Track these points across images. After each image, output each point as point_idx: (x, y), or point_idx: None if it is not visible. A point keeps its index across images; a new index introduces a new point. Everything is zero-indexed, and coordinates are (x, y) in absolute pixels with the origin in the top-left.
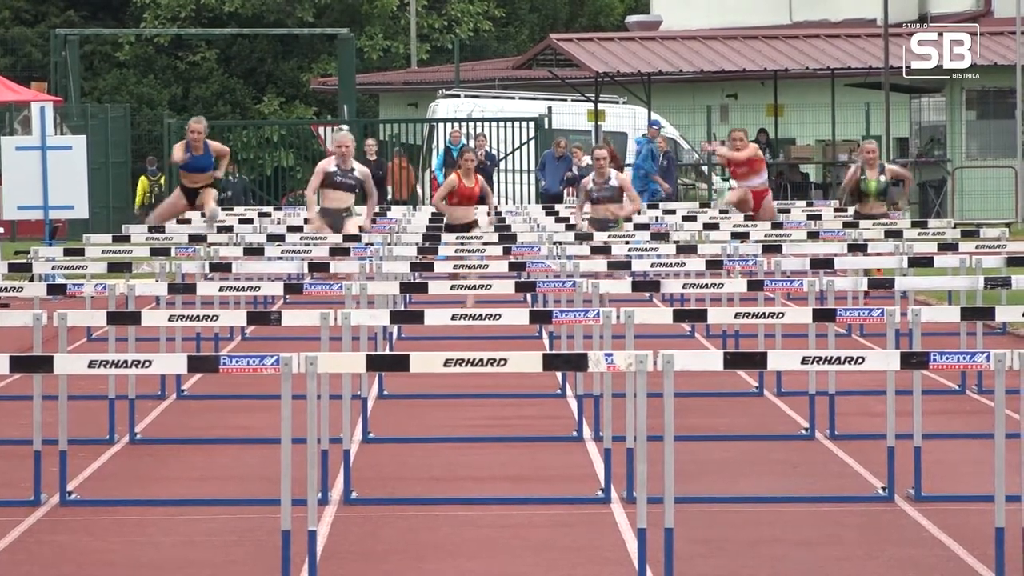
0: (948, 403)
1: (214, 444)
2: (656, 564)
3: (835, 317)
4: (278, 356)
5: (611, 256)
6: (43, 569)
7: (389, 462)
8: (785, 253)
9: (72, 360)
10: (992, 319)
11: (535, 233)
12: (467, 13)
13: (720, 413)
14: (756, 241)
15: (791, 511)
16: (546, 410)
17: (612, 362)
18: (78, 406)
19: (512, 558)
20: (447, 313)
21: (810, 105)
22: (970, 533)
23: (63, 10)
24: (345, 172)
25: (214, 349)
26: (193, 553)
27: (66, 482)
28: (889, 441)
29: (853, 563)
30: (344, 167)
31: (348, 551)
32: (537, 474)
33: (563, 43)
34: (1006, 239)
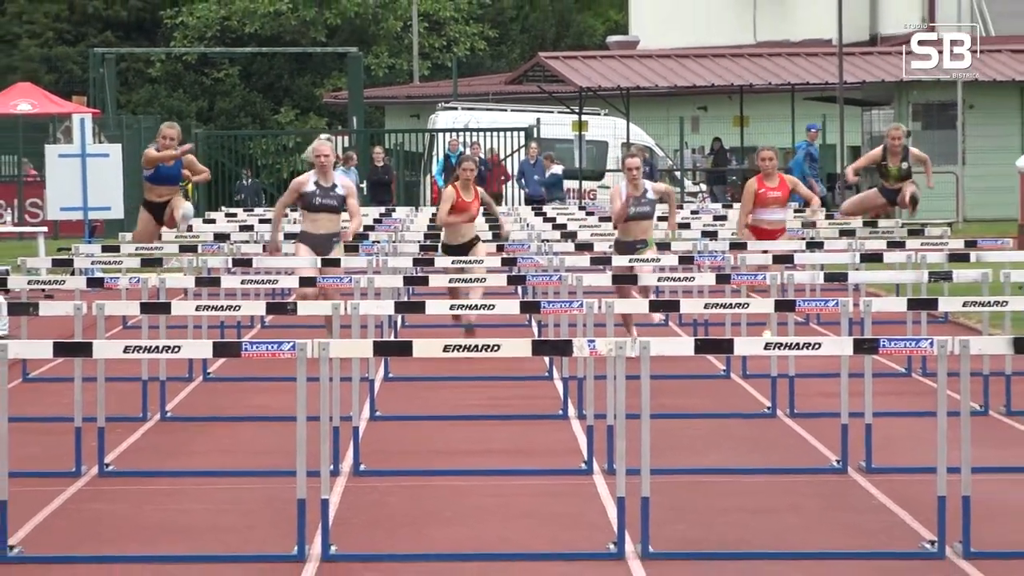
0: (896, 385)
1: (237, 421)
2: (633, 529)
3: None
4: (294, 342)
5: (593, 252)
6: (84, 533)
7: (394, 438)
8: (750, 250)
9: (109, 346)
10: (935, 309)
11: (525, 232)
12: (464, 34)
13: (691, 394)
14: (724, 239)
15: (754, 481)
16: (535, 391)
17: (594, 348)
18: (114, 387)
19: (504, 524)
20: (446, 304)
21: (772, 116)
22: (915, 501)
23: (101, 31)
24: (326, 191)
25: (236, 336)
26: (218, 519)
27: (104, 455)
28: (843, 419)
29: (810, 528)
30: (324, 184)
31: (357, 518)
32: (526, 448)
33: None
34: (948, 237)
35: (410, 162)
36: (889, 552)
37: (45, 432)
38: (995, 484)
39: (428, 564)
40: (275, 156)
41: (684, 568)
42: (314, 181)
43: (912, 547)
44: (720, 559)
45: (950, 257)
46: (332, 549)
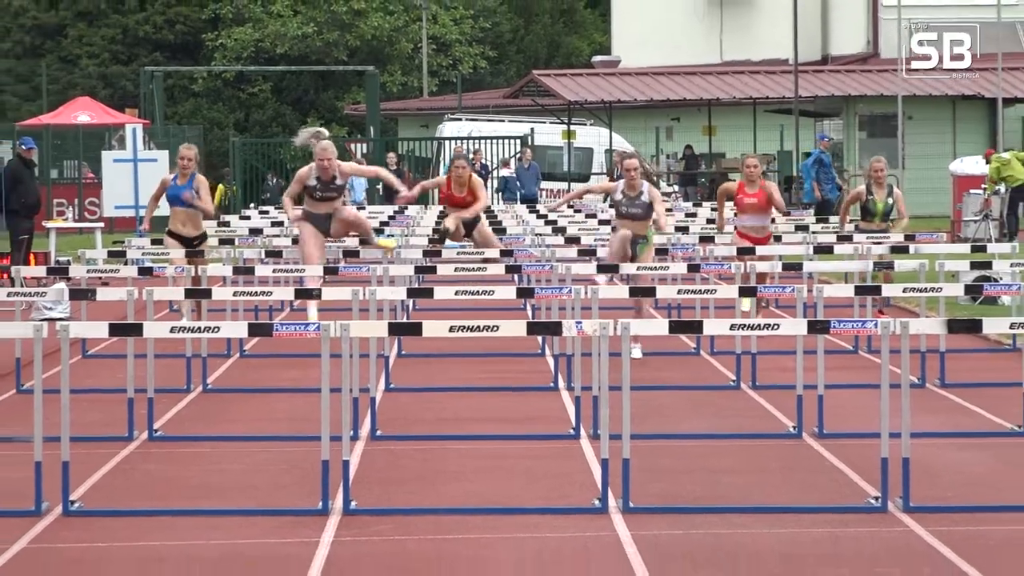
0: (844, 360)
1: (269, 393)
2: (616, 486)
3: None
4: (319, 323)
5: (580, 245)
6: (135, 490)
7: (407, 407)
8: (717, 243)
9: (157, 327)
10: (879, 294)
11: (520, 227)
12: (467, 54)
13: (666, 369)
14: (694, 233)
15: (721, 445)
16: (529, 366)
17: (581, 328)
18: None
19: (503, 481)
20: (451, 290)
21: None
22: (861, 462)
23: (150, 52)
24: (327, 184)
25: (268, 318)
26: (253, 478)
27: (153, 422)
28: (798, 390)
29: (770, 486)
30: (325, 178)
31: (375, 477)
32: (522, 416)
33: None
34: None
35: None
36: (839, 507)
37: (102, 402)
38: (931, 447)
39: (436, 517)
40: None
41: (660, 520)
42: (316, 177)
43: (859, 502)
44: (691, 512)
45: (892, 249)
46: (352, 504)
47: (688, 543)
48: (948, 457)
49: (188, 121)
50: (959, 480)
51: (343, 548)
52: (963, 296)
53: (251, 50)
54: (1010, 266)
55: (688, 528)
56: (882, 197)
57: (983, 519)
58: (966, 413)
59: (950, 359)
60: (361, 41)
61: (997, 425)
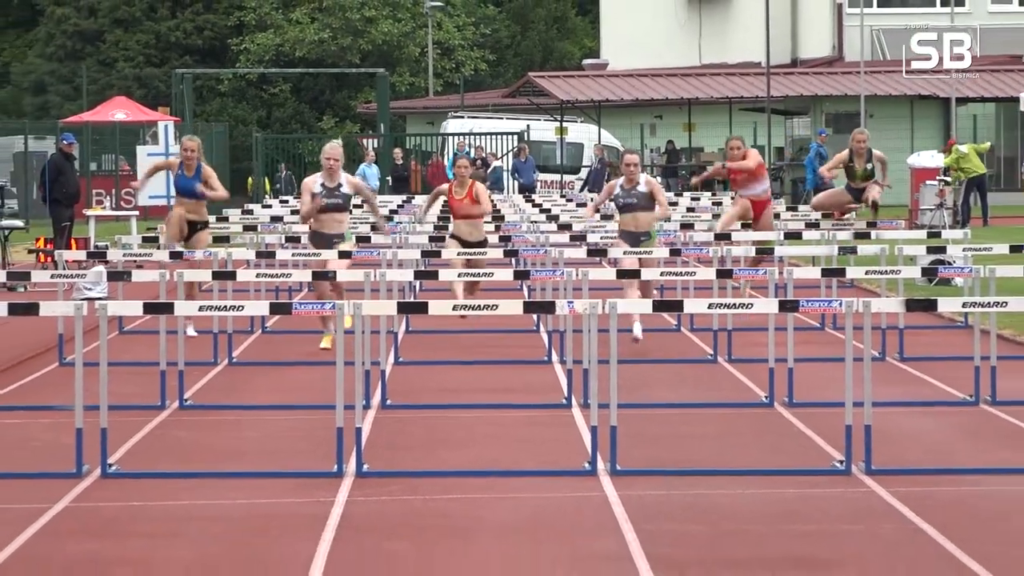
0: (812, 336)
1: (288, 366)
2: (604, 451)
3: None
4: (334, 303)
5: (572, 231)
6: (167, 454)
7: (414, 378)
8: (697, 229)
9: (187, 305)
10: (844, 276)
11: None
12: (469, 58)
13: (650, 344)
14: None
15: (700, 413)
16: (525, 341)
17: (572, 307)
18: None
19: (502, 447)
20: (455, 272)
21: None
22: (827, 428)
23: (181, 56)
24: (331, 190)
25: (288, 297)
26: (274, 443)
27: (183, 392)
28: (770, 363)
29: (744, 449)
30: (330, 184)
31: (384, 442)
32: (519, 387)
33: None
34: (853, 219)
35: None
36: (807, 469)
37: (136, 374)
38: (891, 415)
39: (441, 479)
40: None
41: (644, 482)
42: (320, 183)
43: (825, 465)
44: (673, 475)
45: (855, 235)
46: (364, 467)
47: (669, 502)
48: (906, 424)
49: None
50: (916, 445)
51: (356, 507)
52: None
53: (272, 54)
54: (962, 250)
55: (670, 489)
56: (862, 164)
57: (937, 480)
58: (922, 384)
59: (908, 335)
60: (372, 46)
61: (950, 395)
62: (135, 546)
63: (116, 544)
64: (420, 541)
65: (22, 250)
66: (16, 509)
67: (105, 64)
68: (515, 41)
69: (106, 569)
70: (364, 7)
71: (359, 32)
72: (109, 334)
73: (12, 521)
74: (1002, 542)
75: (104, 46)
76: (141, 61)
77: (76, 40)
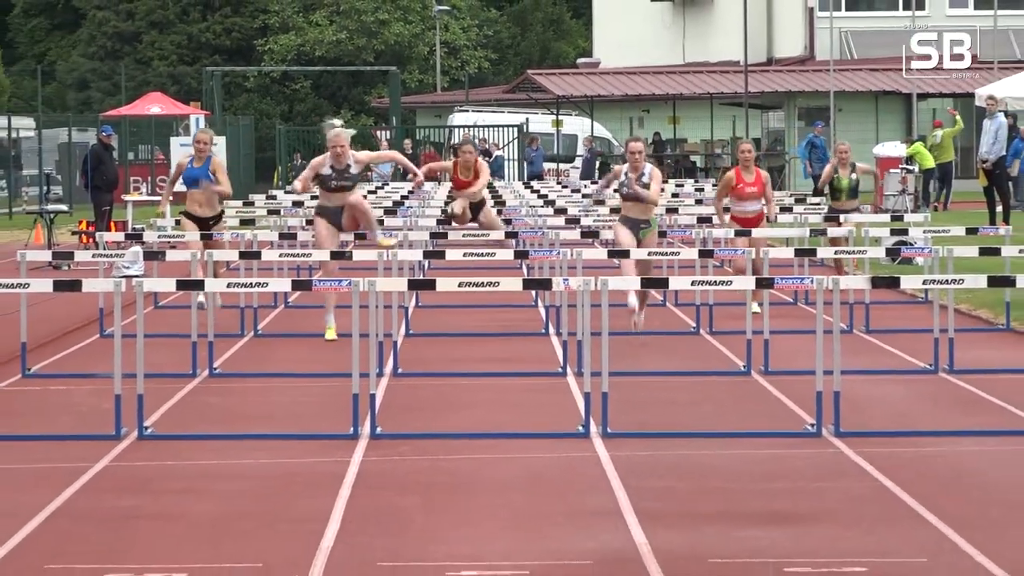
0: (786, 311)
1: (309, 337)
2: (596, 415)
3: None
4: (351, 280)
5: (568, 215)
6: (197, 418)
7: (423, 349)
8: (681, 213)
9: (216, 283)
10: (815, 256)
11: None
12: (473, 57)
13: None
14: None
15: (683, 380)
16: (524, 315)
17: (568, 284)
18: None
19: (503, 410)
20: (460, 252)
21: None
22: (800, 394)
23: (211, 55)
24: (341, 172)
25: (308, 275)
26: (295, 408)
27: (213, 362)
28: (748, 335)
29: (724, 414)
30: (339, 166)
31: (396, 407)
32: (519, 357)
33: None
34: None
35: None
36: (781, 432)
37: (170, 345)
38: (857, 382)
39: (447, 440)
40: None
41: (633, 443)
42: (330, 165)
43: (797, 428)
44: (659, 437)
45: (825, 218)
46: (378, 430)
47: (656, 461)
48: (872, 391)
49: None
50: (880, 410)
51: (370, 466)
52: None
53: (294, 53)
54: (923, 232)
55: (656, 449)
56: (846, 174)
57: (899, 442)
58: (886, 354)
59: (873, 310)
60: (385, 46)
61: (912, 364)
62: (168, 501)
63: (151, 500)
64: (428, 496)
65: (66, 232)
66: (61, 468)
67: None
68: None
69: (142, 522)
70: (378, 10)
71: (373, 33)
72: (145, 309)
73: (57, 478)
74: (957, 497)
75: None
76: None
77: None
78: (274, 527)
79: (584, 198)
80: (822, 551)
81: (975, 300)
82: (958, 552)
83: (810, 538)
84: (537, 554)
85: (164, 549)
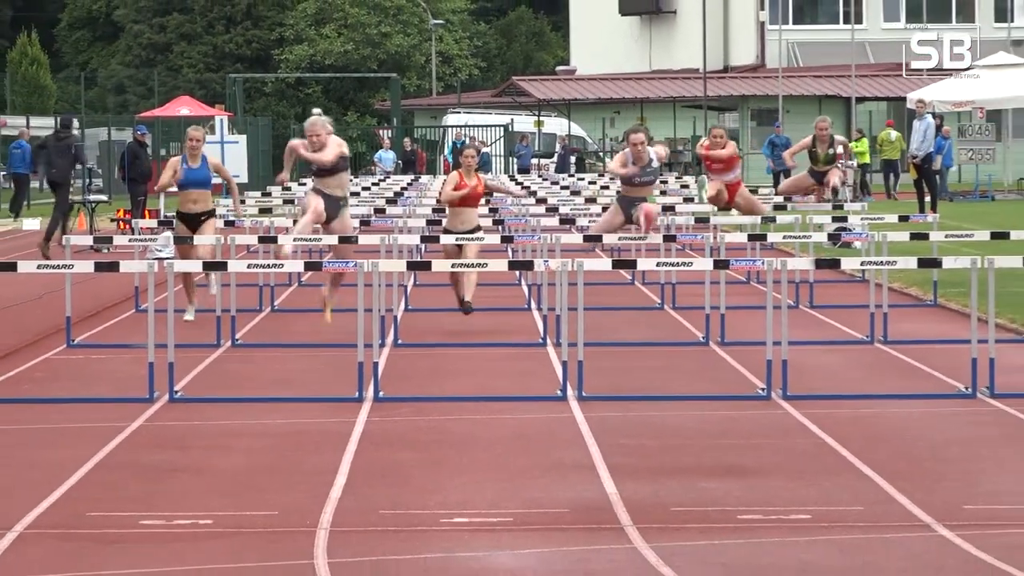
0: (740, 288)
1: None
2: (573, 381)
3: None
4: (356, 261)
5: (547, 203)
6: (222, 383)
7: (421, 322)
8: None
9: (238, 263)
10: (765, 240)
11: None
12: (465, 65)
13: (609, 295)
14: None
15: (649, 350)
16: (509, 292)
17: (548, 265)
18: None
19: (489, 376)
20: (453, 237)
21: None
22: (752, 363)
23: (233, 63)
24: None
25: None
26: (307, 375)
27: (235, 333)
28: (706, 310)
29: (686, 380)
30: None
31: (396, 374)
32: (503, 329)
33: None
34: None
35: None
36: (735, 395)
37: (197, 319)
38: (803, 352)
39: (441, 403)
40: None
41: (605, 406)
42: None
43: (750, 392)
44: (628, 400)
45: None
46: (380, 393)
47: (625, 421)
48: (815, 359)
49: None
50: (823, 375)
51: (373, 425)
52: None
53: (307, 62)
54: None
55: (625, 411)
56: (824, 149)
57: (839, 404)
58: (828, 327)
59: (817, 288)
60: (387, 55)
61: (850, 336)
62: (196, 456)
63: (180, 455)
64: (425, 452)
65: (106, 219)
66: (101, 426)
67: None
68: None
69: (173, 475)
70: (380, 24)
71: (376, 44)
72: (175, 287)
73: (98, 436)
74: (890, 452)
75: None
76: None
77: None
78: (289, 479)
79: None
80: (771, 500)
81: (906, 279)
82: (891, 501)
83: (760, 489)
84: (520, 503)
85: (192, 498)
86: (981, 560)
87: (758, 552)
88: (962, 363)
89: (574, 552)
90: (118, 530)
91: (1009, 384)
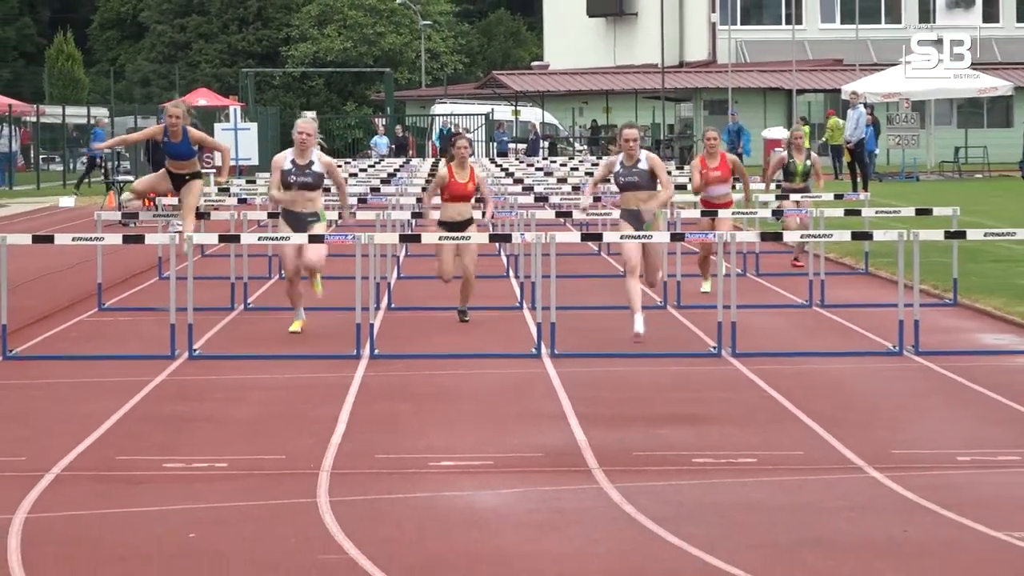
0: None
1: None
2: (546, 340)
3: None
4: (354, 235)
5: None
6: (236, 341)
7: (412, 289)
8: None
9: (250, 236)
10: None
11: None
12: (450, 60)
13: (578, 264)
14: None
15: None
16: (490, 262)
17: (524, 238)
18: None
19: (472, 337)
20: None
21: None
22: (705, 324)
23: (246, 59)
24: (301, 169)
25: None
26: (311, 334)
27: (248, 298)
28: (664, 278)
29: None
30: (301, 161)
31: (390, 334)
32: (486, 295)
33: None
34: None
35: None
36: (689, 353)
37: (214, 286)
38: (750, 315)
39: (431, 360)
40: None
41: (575, 362)
42: (291, 160)
43: (703, 350)
44: (594, 357)
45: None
46: (376, 351)
47: (592, 376)
48: (760, 321)
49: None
50: (768, 336)
51: (370, 380)
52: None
53: (310, 58)
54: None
55: (592, 367)
56: (801, 160)
57: (782, 361)
58: (772, 292)
59: (762, 258)
60: (381, 52)
61: (792, 300)
62: (213, 407)
63: (199, 406)
64: (416, 403)
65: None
66: (128, 381)
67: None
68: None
69: (193, 423)
70: (376, 25)
71: (372, 42)
72: (194, 257)
73: (125, 389)
74: (828, 403)
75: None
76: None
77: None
78: (295, 427)
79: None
80: (721, 445)
81: (841, 250)
82: (828, 446)
83: (712, 435)
84: (499, 447)
85: (209, 444)
86: (906, 498)
87: (710, 491)
88: (890, 324)
89: (547, 492)
90: (144, 472)
91: (932, 343)
